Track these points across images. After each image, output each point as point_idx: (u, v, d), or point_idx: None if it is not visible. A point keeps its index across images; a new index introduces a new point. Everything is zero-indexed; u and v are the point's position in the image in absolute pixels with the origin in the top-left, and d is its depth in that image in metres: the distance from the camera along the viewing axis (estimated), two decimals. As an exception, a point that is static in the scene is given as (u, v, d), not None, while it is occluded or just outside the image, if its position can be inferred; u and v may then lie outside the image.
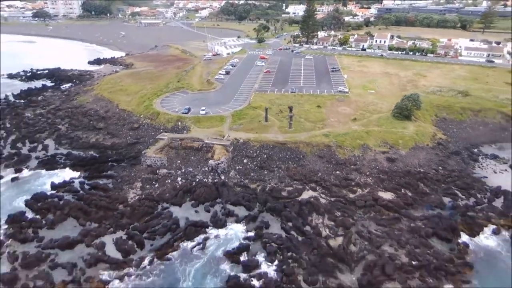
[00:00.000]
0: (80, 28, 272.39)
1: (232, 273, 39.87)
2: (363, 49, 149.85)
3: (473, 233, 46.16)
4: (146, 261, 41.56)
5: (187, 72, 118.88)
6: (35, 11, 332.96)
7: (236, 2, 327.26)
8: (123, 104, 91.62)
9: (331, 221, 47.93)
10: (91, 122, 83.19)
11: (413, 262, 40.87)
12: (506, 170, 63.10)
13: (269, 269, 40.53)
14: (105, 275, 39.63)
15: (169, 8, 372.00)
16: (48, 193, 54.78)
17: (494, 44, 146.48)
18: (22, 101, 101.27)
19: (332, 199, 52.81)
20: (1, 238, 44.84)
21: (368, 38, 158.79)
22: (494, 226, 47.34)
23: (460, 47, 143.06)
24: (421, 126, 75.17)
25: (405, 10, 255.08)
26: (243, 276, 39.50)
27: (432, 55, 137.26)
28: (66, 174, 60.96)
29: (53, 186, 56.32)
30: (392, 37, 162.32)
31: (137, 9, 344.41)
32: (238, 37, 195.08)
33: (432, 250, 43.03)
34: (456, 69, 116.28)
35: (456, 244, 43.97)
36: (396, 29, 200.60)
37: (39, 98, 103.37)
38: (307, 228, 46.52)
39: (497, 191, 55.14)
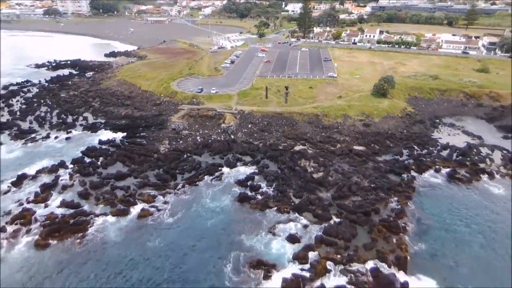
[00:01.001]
0: (90, 25, 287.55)
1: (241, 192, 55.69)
2: (354, 43, 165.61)
3: (420, 171, 61.95)
4: (179, 186, 57.28)
5: (197, 62, 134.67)
6: (45, 9, 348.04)
7: (238, 0, 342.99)
8: (144, 87, 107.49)
9: (315, 163, 63.71)
10: (119, 100, 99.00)
11: (372, 185, 56.68)
12: (458, 134, 78.96)
13: (268, 189, 56.32)
14: (152, 193, 55.39)
15: (172, 6, 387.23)
16: (97, 146, 70.67)
17: (472, 39, 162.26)
18: (55, 85, 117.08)
19: (317, 150, 68.57)
20: (71, 172, 60.59)
21: (359, 33, 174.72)
22: (437, 167, 63.13)
23: (441, 40, 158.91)
24: (394, 102, 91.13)
25: (398, 8, 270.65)
26: (249, 193, 55.27)
27: (415, 47, 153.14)
28: (107, 135, 76.73)
29: (100, 142, 72.15)
30: (381, 32, 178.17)
31: (143, 7, 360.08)
32: (240, 32, 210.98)
33: (387, 179, 58.87)
34: (434, 59, 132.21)
35: (406, 176, 59.80)
36: (387, 25, 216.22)
37: (69, 82, 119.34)
38: (297, 168, 62.27)
39: (446, 146, 71.04)
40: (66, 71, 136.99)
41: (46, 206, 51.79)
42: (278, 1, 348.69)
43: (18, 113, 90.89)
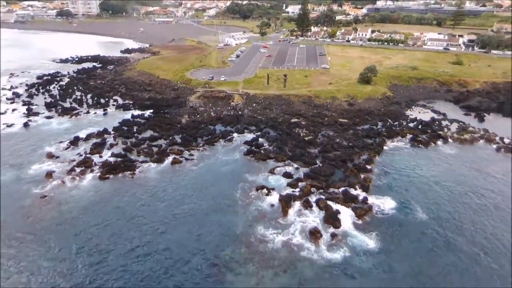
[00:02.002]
0: (101, 25, 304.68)
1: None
2: (348, 41, 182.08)
3: (390, 136, 77.96)
4: (200, 145, 73.51)
5: (205, 56, 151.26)
6: (58, 10, 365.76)
7: (240, 2, 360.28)
8: (162, 76, 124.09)
9: (307, 130, 79.82)
10: (141, 86, 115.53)
11: (350, 144, 72.80)
12: (427, 112, 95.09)
13: (269, 147, 72.48)
14: (180, 149, 71.60)
15: (178, 8, 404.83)
16: (131, 119, 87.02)
17: (456, 37, 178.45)
18: (83, 75, 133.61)
19: (309, 122, 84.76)
20: (114, 135, 76.95)
21: (353, 31, 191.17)
22: (404, 133, 79.29)
23: (426, 38, 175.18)
24: (377, 88, 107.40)
25: (392, 9, 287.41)
26: (254, 149, 71.43)
27: (402, 45, 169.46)
28: (137, 112, 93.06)
29: (133, 116, 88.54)
30: (373, 31, 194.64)
31: (150, 9, 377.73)
32: (244, 32, 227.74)
33: (363, 141, 75.01)
34: (417, 54, 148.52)
35: (377, 139, 75.94)
36: (380, 25, 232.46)
37: (95, 73, 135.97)
38: (292, 133, 78.42)
39: (414, 119, 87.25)
40: (89, 65, 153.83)
41: (100, 157, 68.11)
42: (279, 3, 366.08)
43: (57, 96, 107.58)
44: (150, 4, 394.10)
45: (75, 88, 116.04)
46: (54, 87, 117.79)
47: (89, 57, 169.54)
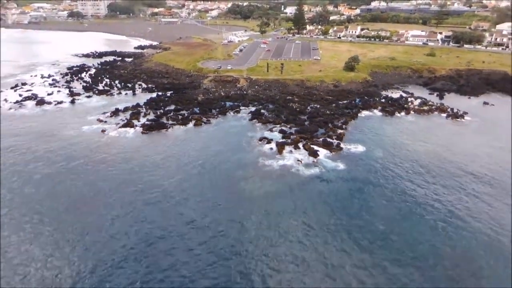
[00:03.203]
0: (110, 25, 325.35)
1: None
2: (339, 37, 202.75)
3: (364, 108, 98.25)
4: (215, 115, 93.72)
5: (212, 51, 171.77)
6: (68, 11, 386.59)
7: (241, 3, 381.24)
8: (177, 66, 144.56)
9: (299, 104, 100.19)
10: (160, 74, 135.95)
11: (332, 113, 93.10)
12: (399, 92, 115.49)
13: (269, 115, 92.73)
14: (199, 116, 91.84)
15: (181, 9, 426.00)
16: (156, 97, 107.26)
17: (436, 33, 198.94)
18: (107, 66, 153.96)
19: (301, 99, 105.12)
20: (145, 108, 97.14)
21: (344, 29, 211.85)
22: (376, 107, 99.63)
23: (409, 35, 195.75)
24: (359, 74, 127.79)
25: (382, 10, 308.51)
26: (257, 116, 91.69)
27: (387, 40, 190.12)
28: (160, 93, 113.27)
29: (158, 95, 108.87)
30: (362, 29, 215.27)
31: (156, 10, 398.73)
32: (245, 30, 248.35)
33: (342, 111, 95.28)
34: (398, 48, 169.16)
35: (354, 110, 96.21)
36: (370, 24, 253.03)
37: (117, 65, 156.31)
38: (287, 106, 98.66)
39: (386, 97, 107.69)
40: (109, 58, 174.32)
41: (138, 121, 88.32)
42: (278, 4, 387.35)
43: (90, 82, 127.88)
44: (156, 6, 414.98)
45: (103, 76, 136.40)
46: (84, 75, 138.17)
47: (108, 52, 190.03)
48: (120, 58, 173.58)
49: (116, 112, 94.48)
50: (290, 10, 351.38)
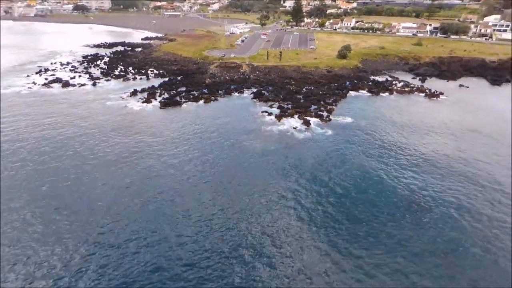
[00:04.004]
0: (115, 18, 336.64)
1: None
2: (334, 29, 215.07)
3: (353, 89, 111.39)
4: (221, 95, 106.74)
5: (216, 41, 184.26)
6: (73, 5, 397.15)
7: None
8: (184, 54, 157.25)
9: (295, 86, 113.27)
10: (169, 62, 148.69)
11: (324, 93, 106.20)
12: (386, 77, 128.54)
13: (268, 95, 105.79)
14: (208, 96, 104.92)
15: (183, 2, 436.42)
16: (168, 81, 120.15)
17: (427, 26, 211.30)
18: (119, 56, 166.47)
19: (297, 82, 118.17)
20: (160, 89, 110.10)
21: (339, 21, 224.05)
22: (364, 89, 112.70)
23: (401, 27, 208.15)
24: (350, 61, 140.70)
25: (378, 3, 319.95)
26: (259, 95, 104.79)
27: (379, 32, 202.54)
28: (171, 77, 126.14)
29: (169, 79, 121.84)
30: (357, 21, 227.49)
31: (158, 3, 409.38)
32: (246, 23, 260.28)
33: (334, 92, 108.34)
34: (388, 39, 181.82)
35: (344, 91, 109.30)
36: (365, 17, 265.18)
37: (128, 54, 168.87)
38: (285, 88, 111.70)
39: (373, 80, 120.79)
40: (120, 48, 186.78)
41: (155, 99, 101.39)
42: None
43: (106, 68, 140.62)
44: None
45: (117, 63, 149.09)
46: (100, 63, 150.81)
47: (117, 43, 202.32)
48: (130, 48, 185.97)
49: (134, 93, 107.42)
50: (289, 4, 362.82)
